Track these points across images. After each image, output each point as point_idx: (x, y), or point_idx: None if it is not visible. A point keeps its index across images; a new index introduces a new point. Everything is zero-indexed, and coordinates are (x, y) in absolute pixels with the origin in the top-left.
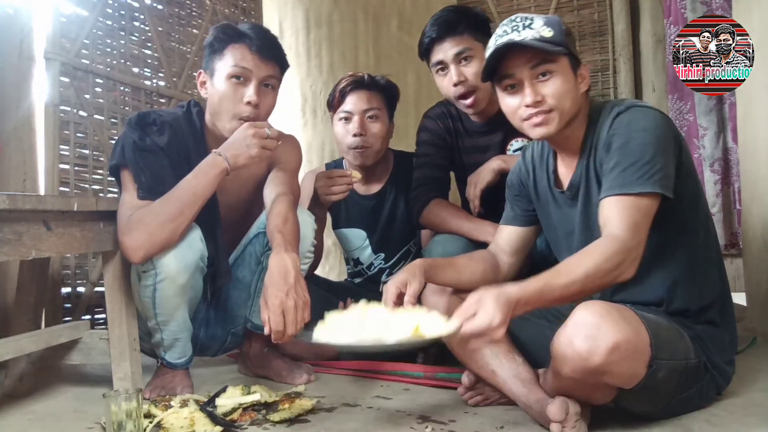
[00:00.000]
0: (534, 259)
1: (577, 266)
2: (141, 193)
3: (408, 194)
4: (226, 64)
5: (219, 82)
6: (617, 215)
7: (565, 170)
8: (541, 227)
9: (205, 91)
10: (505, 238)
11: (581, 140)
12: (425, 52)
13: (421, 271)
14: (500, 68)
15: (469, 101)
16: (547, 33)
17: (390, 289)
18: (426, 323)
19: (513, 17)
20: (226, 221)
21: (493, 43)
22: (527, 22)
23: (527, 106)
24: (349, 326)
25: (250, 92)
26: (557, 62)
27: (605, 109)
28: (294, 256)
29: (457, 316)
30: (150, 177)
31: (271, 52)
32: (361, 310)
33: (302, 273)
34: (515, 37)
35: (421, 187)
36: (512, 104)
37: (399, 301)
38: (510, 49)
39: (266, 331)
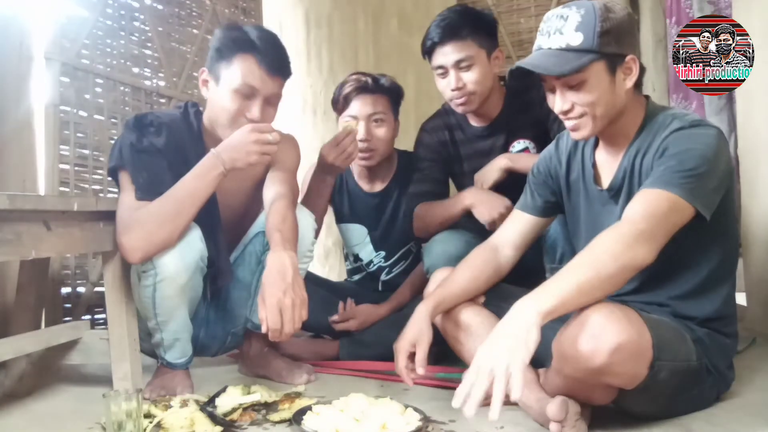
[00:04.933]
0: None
1: (597, 256)
2: (139, 194)
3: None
4: (233, 77)
5: (223, 92)
6: (642, 203)
7: (607, 167)
8: (551, 221)
9: (206, 91)
10: (519, 227)
11: (631, 138)
12: (427, 53)
13: (427, 322)
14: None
15: (460, 101)
16: (576, 40)
17: (401, 354)
18: (393, 422)
19: (553, 14)
20: (225, 221)
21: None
22: (560, 25)
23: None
24: (331, 419)
25: (254, 111)
26: (586, 71)
27: (664, 116)
28: (292, 255)
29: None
30: (148, 178)
31: (279, 68)
32: (343, 403)
33: (302, 273)
34: (543, 43)
35: (413, 201)
36: (552, 105)
37: (412, 361)
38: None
39: (263, 329)
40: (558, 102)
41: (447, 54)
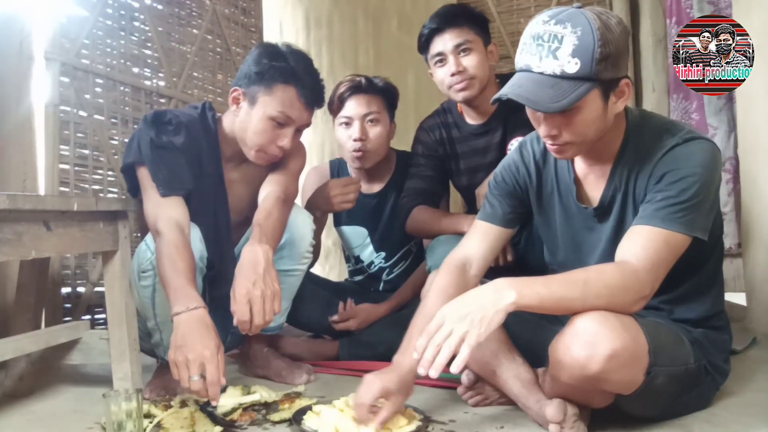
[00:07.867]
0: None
1: (592, 284)
2: (161, 190)
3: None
4: (271, 104)
5: (258, 116)
6: (644, 248)
7: (592, 184)
8: (516, 231)
9: (236, 109)
10: (488, 241)
11: (615, 152)
12: (425, 44)
13: (412, 375)
14: None
15: (461, 86)
16: (572, 67)
17: (368, 398)
18: (393, 422)
19: (544, 30)
20: (233, 223)
21: (517, 61)
22: (553, 47)
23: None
24: (331, 419)
25: (286, 141)
26: (581, 101)
27: (652, 130)
28: (266, 248)
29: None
30: (168, 173)
31: (316, 101)
32: (343, 403)
33: (302, 273)
34: (533, 65)
35: (406, 197)
36: (532, 121)
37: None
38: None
39: (234, 321)
40: (544, 127)
41: (446, 40)
